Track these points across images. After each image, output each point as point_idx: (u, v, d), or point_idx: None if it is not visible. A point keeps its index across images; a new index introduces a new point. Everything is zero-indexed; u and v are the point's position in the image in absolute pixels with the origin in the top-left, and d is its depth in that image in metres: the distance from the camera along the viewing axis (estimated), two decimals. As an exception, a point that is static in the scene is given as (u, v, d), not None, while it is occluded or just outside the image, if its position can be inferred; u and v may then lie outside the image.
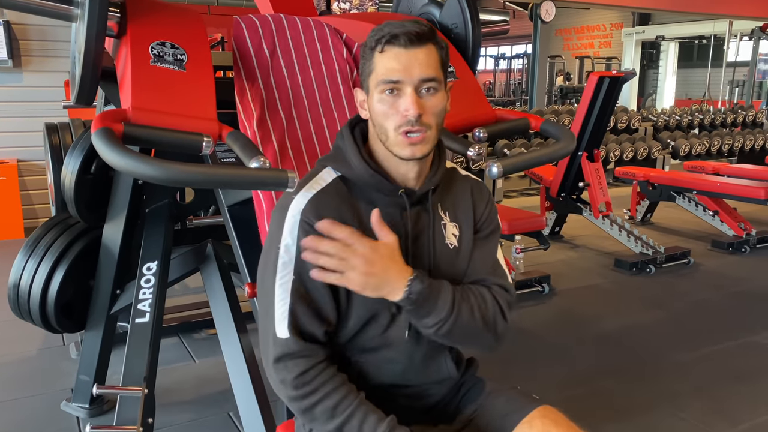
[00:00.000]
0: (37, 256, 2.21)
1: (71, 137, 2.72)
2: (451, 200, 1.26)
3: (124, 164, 1.05)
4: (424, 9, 1.99)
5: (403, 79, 1.09)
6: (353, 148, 1.17)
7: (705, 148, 7.70)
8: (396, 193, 1.17)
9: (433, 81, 1.10)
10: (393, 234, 1.11)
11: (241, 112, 1.62)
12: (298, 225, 1.11)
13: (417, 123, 1.09)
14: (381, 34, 1.10)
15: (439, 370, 1.29)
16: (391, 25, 1.10)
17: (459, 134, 1.65)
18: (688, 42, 16.58)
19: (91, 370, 2.32)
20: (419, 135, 1.10)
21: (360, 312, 1.16)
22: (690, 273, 4.28)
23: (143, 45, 1.41)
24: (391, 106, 1.10)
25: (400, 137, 1.11)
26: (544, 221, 3.78)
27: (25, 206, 5.09)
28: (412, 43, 1.09)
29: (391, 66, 1.09)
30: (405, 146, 1.11)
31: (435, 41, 1.12)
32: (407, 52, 1.08)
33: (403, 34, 1.08)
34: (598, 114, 4.56)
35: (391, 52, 1.09)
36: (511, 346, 3.05)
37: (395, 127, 1.10)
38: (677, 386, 2.63)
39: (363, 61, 1.15)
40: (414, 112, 1.08)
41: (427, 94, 1.10)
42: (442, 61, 1.13)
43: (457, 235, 1.24)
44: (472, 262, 1.26)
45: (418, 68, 1.09)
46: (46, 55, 5.11)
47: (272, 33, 1.69)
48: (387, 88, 1.10)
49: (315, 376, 1.10)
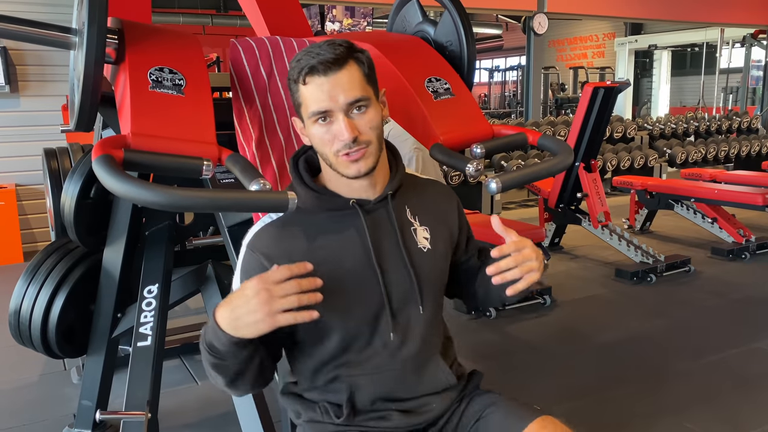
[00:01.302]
0: (38, 281, 2.21)
1: (70, 162, 2.72)
2: (419, 204, 1.30)
3: (126, 191, 1.06)
4: (419, 27, 2.00)
5: (330, 107, 1.12)
6: (297, 178, 1.24)
7: (701, 156, 7.73)
8: (348, 205, 1.21)
9: (360, 101, 1.14)
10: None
11: (240, 135, 1.63)
12: (243, 256, 1.21)
13: (354, 144, 1.13)
14: (300, 66, 1.13)
15: (435, 378, 1.28)
16: (307, 55, 1.13)
17: (456, 151, 1.66)
18: (680, 50, 16.69)
19: (93, 395, 2.30)
20: (359, 153, 1.15)
21: (340, 331, 1.20)
22: (691, 281, 4.28)
23: (141, 71, 1.42)
24: (327, 132, 1.14)
25: (341, 159, 1.15)
26: (543, 233, 3.79)
27: (23, 230, 5.08)
28: (331, 69, 1.11)
29: (316, 97, 1.12)
30: (348, 166, 1.16)
31: (354, 57, 1.15)
32: (328, 80, 1.11)
33: (319, 63, 1.11)
34: (593, 124, 4.58)
35: (313, 82, 1.12)
36: (513, 359, 3.05)
37: (335, 152, 1.15)
38: (682, 395, 2.62)
39: (291, 93, 1.18)
40: (348, 137, 1.12)
41: (359, 113, 1.14)
42: (365, 75, 1.16)
43: (429, 238, 1.28)
44: (468, 252, 1.38)
45: (343, 93, 1.12)
46: (43, 80, 5.13)
47: (269, 55, 1.70)
48: (318, 118, 1.14)
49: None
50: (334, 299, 1.14)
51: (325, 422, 1.24)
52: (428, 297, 1.26)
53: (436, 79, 1.74)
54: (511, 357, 3.08)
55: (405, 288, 1.23)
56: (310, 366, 1.25)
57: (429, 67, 1.78)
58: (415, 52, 1.86)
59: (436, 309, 1.31)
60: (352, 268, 1.20)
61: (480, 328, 3.45)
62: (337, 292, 1.16)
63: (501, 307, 3.62)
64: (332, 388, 1.24)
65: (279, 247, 1.19)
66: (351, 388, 1.22)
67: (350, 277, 1.20)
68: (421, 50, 1.88)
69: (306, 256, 1.12)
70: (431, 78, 1.73)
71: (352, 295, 1.20)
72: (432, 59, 1.84)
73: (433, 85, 1.73)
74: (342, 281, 1.18)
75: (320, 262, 1.11)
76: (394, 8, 2.11)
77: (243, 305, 1.01)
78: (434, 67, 1.79)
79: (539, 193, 5.06)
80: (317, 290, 1.05)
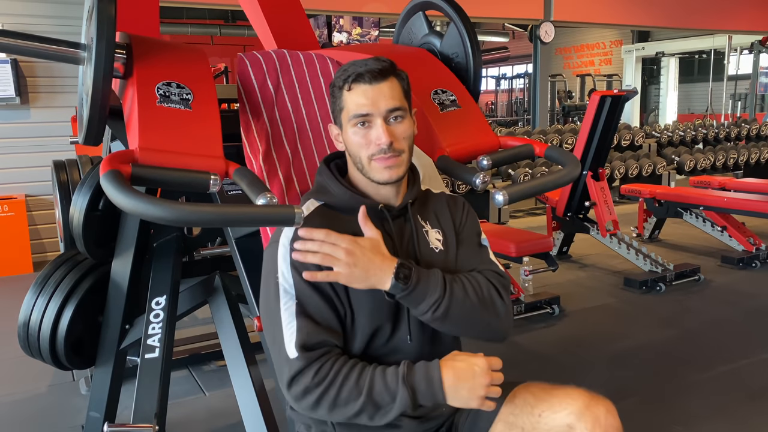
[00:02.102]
0: (47, 293, 2.22)
1: (79, 174, 2.74)
2: (430, 212, 1.37)
3: (135, 207, 1.07)
4: (425, 39, 2.01)
5: (371, 111, 1.21)
6: (332, 178, 1.30)
7: (710, 163, 7.69)
8: (377, 208, 1.27)
9: (398, 110, 1.23)
10: (376, 230, 1.21)
11: (247, 148, 1.63)
12: (289, 253, 1.19)
13: (390, 150, 1.21)
14: (347, 74, 1.22)
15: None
16: (355, 65, 1.22)
17: (463, 162, 1.66)
18: (688, 57, 16.65)
19: (101, 407, 2.31)
20: (393, 159, 1.22)
21: (364, 328, 1.23)
22: (701, 290, 4.24)
23: (149, 86, 1.43)
24: (364, 137, 1.22)
25: (375, 163, 1.23)
26: (551, 242, 3.77)
27: (33, 241, 5.12)
28: (376, 79, 1.21)
29: (360, 101, 1.21)
30: (381, 171, 1.23)
31: (396, 74, 1.25)
32: (372, 88, 1.21)
33: (366, 72, 1.21)
34: (601, 133, 4.57)
35: (359, 89, 1.21)
36: (521, 369, 3.03)
37: (370, 155, 1.23)
38: (694, 407, 2.59)
39: (333, 99, 1.27)
40: (386, 140, 1.20)
41: (395, 122, 1.23)
42: (404, 91, 1.26)
43: (441, 239, 1.34)
44: (458, 261, 1.35)
45: (384, 100, 1.21)
46: (53, 92, 5.18)
47: (276, 69, 1.71)
48: (359, 122, 1.22)
49: (330, 368, 1.15)
50: (364, 298, 1.21)
51: (336, 431, 1.26)
52: None
53: (442, 91, 1.74)
54: (519, 367, 3.06)
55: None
56: None
57: (435, 79, 1.78)
58: (422, 63, 1.86)
59: None
60: None
61: (488, 338, 3.43)
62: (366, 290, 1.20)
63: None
64: None
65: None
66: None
67: None
68: (427, 62, 1.89)
69: None
70: (437, 90, 1.74)
71: (376, 297, 1.22)
72: (438, 71, 1.85)
73: (440, 97, 1.73)
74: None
75: None
76: (400, 20, 2.12)
77: (469, 379, 1.14)
78: (440, 78, 1.80)
79: (547, 201, 5.05)
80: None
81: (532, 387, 1.28)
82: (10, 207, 4.95)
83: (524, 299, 3.72)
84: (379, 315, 1.23)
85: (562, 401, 1.21)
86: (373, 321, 1.23)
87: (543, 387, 1.27)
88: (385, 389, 1.13)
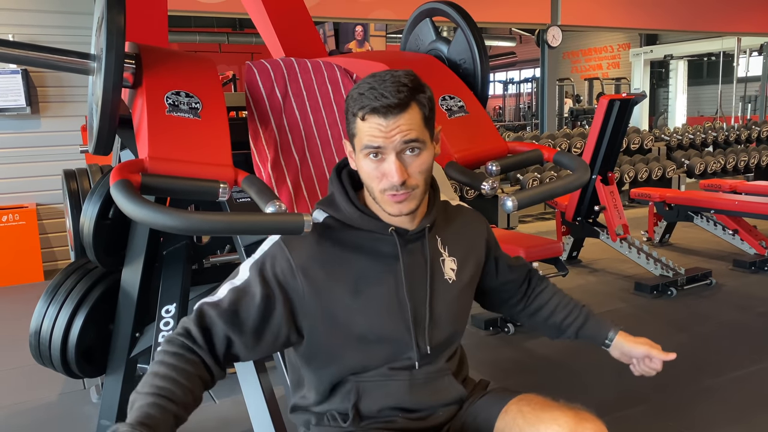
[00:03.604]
0: (58, 302, 2.23)
1: (89, 183, 2.76)
2: (451, 234, 1.32)
3: (144, 216, 1.07)
4: (432, 45, 2.01)
5: (385, 145, 1.12)
6: (340, 191, 1.23)
7: (720, 166, 7.64)
8: (386, 230, 1.21)
9: (415, 142, 1.13)
10: None
11: (256, 155, 1.64)
12: (270, 246, 1.19)
13: (402, 187, 1.13)
14: (362, 103, 1.12)
15: (445, 393, 1.31)
16: (371, 92, 1.11)
17: (471, 168, 1.65)
18: (697, 60, 16.57)
19: (112, 415, 2.31)
20: (404, 195, 1.15)
21: (360, 350, 1.22)
22: (713, 294, 4.21)
23: (158, 95, 1.43)
24: (376, 169, 1.14)
25: (386, 197, 1.15)
26: (561, 247, 3.75)
27: (44, 250, 5.15)
28: (392, 112, 1.11)
29: (372, 134, 1.12)
30: (392, 205, 1.16)
31: (416, 100, 1.13)
32: (387, 121, 1.11)
33: (382, 106, 1.10)
34: (610, 137, 4.55)
35: (373, 121, 1.12)
36: (531, 376, 3.01)
37: (381, 189, 1.15)
38: (707, 414, 2.56)
39: (347, 121, 1.18)
40: (398, 180, 1.12)
41: (412, 155, 1.14)
42: (425, 118, 1.15)
43: (455, 269, 1.30)
44: (499, 274, 1.45)
45: (399, 134, 1.11)
46: (63, 101, 5.22)
47: (284, 77, 1.72)
48: (371, 152, 1.13)
49: (165, 350, 1.10)
50: (359, 321, 1.19)
51: (332, 426, 1.27)
52: (442, 330, 1.28)
53: (450, 97, 1.74)
54: (530, 374, 3.05)
55: (423, 320, 1.25)
56: (327, 381, 1.27)
57: (443, 85, 1.78)
58: (429, 70, 1.86)
59: (454, 338, 1.34)
60: (382, 293, 1.22)
61: (498, 344, 3.42)
62: (363, 314, 1.19)
63: (518, 322, 3.58)
64: (341, 396, 1.26)
65: (313, 250, 1.19)
66: (359, 393, 1.25)
67: (378, 301, 1.21)
68: (434, 68, 1.89)
69: (339, 264, 1.18)
70: (445, 96, 1.74)
71: (377, 321, 1.21)
72: (445, 77, 1.85)
73: (447, 103, 1.73)
74: (370, 304, 1.20)
75: (352, 275, 1.19)
76: (407, 27, 2.13)
77: None
78: (448, 85, 1.80)
79: (556, 206, 5.03)
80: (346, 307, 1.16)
81: (523, 404, 1.26)
82: (21, 216, 4.99)
83: (534, 305, 3.69)
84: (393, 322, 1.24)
85: (548, 427, 1.18)
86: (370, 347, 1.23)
87: (534, 405, 1.25)
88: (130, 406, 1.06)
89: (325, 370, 1.25)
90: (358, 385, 1.24)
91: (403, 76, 1.14)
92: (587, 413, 1.22)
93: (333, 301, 1.18)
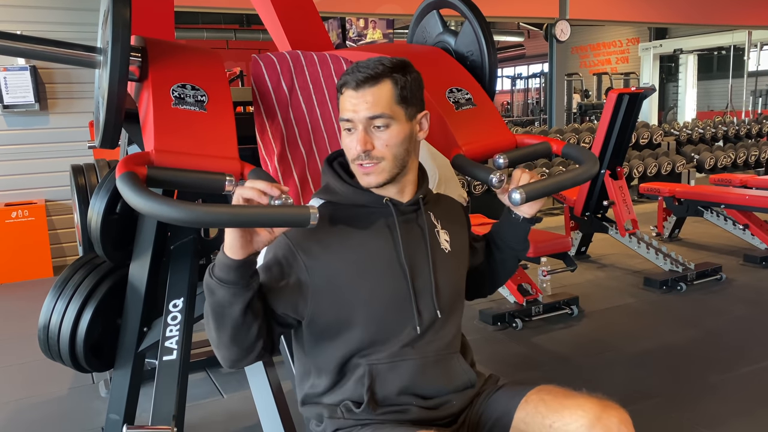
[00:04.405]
0: (66, 296, 2.24)
1: (96, 178, 2.77)
2: (441, 212, 1.39)
3: (149, 208, 1.06)
4: (439, 38, 2.00)
5: (352, 117, 1.21)
6: (334, 176, 1.30)
7: (731, 161, 7.58)
8: (381, 202, 1.27)
9: (380, 117, 1.21)
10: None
11: (262, 149, 1.63)
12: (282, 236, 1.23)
13: (366, 157, 1.22)
14: (343, 78, 1.24)
15: (455, 374, 1.32)
16: (352, 68, 1.22)
17: (479, 161, 1.64)
18: (707, 54, 16.43)
19: (120, 409, 2.32)
20: (370, 166, 1.23)
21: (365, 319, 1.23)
22: (723, 289, 4.17)
23: (164, 88, 1.43)
24: (350, 140, 1.23)
25: (356, 167, 1.25)
26: (569, 242, 3.74)
27: (53, 245, 5.18)
28: (360, 85, 1.20)
29: (345, 107, 1.22)
30: (361, 176, 1.25)
31: (392, 77, 1.22)
32: (356, 94, 1.21)
33: (352, 79, 1.21)
34: (619, 131, 4.52)
35: (346, 94, 1.22)
36: (540, 371, 3.00)
37: (351, 159, 1.25)
38: (717, 409, 2.54)
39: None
40: (359, 149, 1.21)
41: (378, 130, 1.22)
42: (397, 95, 1.22)
43: (449, 241, 1.36)
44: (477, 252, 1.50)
45: (365, 108, 1.20)
46: (71, 97, 5.24)
47: (290, 70, 1.71)
48: (345, 126, 1.23)
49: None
50: (362, 286, 1.22)
51: (346, 419, 1.26)
52: (446, 296, 1.31)
53: (458, 90, 1.73)
54: (538, 369, 3.03)
55: (428, 288, 1.28)
56: (336, 358, 1.26)
57: (450, 78, 1.77)
58: (436, 62, 1.85)
59: (456, 309, 1.37)
60: (381, 259, 1.26)
61: (506, 340, 3.40)
62: (365, 278, 1.23)
63: (526, 318, 3.57)
64: (353, 381, 1.26)
65: (310, 231, 1.21)
66: (372, 376, 1.25)
67: (379, 267, 1.25)
68: (441, 61, 1.87)
69: (337, 242, 1.23)
70: (452, 88, 1.73)
71: (379, 284, 1.25)
72: (453, 69, 1.83)
73: (455, 96, 1.72)
74: (370, 270, 1.24)
75: (351, 248, 1.23)
76: (414, 20, 2.11)
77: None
78: (455, 77, 1.79)
79: (564, 201, 5.00)
80: (349, 275, 1.20)
81: (544, 393, 1.27)
82: (30, 212, 5.01)
83: (542, 300, 3.68)
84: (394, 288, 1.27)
85: (573, 413, 1.20)
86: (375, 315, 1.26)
87: (555, 394, 1.26)
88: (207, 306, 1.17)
89: (333, 345, 1.25)
90: (370, 369, 1.24)
91: (390, 59, 1.23)
92: (611, 402, 1.23)
93: (335, 272, 1.22)
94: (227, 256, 1.10)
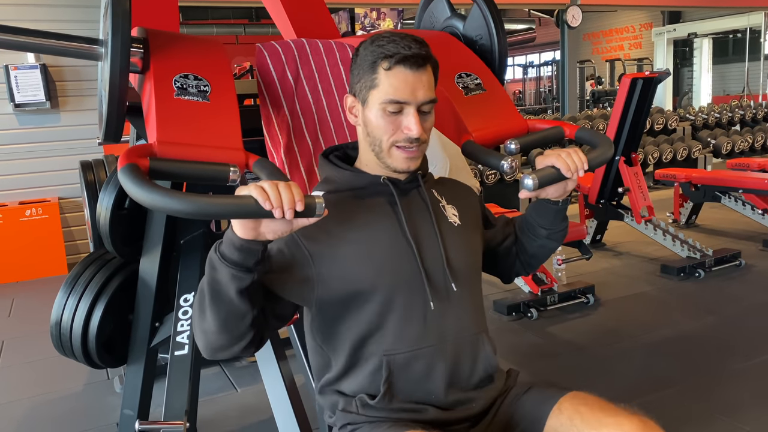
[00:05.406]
0: (77, 293, 2.23)
1: (105, 174, 2.76)
2: (445, 190, 1.35)
3: (151, 200, 1.04)
4: (447, 23, 1.95)
5: (408, 100, 1.15)
6: (331, 166, 1.27)
7: (748, 145, 7.45)
8: (379, 181, 1.23)
9: (431, 103, 1.19)
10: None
11: (269, 141, 1.60)
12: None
13: (416, 142, 1.18)
14: (388, 51, 1.14)
15: (477, 358, 1.25)
16: (396, 44, 1.15)
17: (490, 147, 1.60)
18: (722, 37, 16.15)
19: (134, 404, 2.32)
20: (415, 150, 1.19)
21: (377, 298, 1.18)
22: (742, 275, 4.10)
23: (166, 79, 1.40)
24: (392, 122, 1.17)
25: (396, 150, 1.19)
26: (584, 230, 3.69)
27: (67, 243, 5.21)
28: (420, 65, 1.15)
29: (398, 87, 1.15)
30: (401, 160, 1.20)
31: (432, 62, 1.19)
32: (414, 75, 1.15)
33: (412, 56, 1.14)
34: (633, 117, 4.45)
35: (400, 73, 1.15)
36: (556, 361, 2.96)
37: (393, 141, 1.18)
38: (737, 397, 2.49)
39: (359, 71, 1.19)
40: (417, 133, 1.16)
41: (424, 115, 1.19)
42: (436, 80, 1.21)
43: (457, 215, 1.32)
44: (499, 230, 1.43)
45: (423, 92, 1.16)
46: (81, 95, 5.26)
47: (295, 59, 1.68)
48: (391, 109, 1.16)
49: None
50: (369, 265, 1.18)
51: (359, 413, 1.22)
52: (460, 268, 1.26)
53: (467, 75, 1.69)
54: (555, 359, 2.99)
55: (439, 260, 1.24)
56: (350, 341, 1.22)
57: (459, 63, 1.73)
58: (444, 47, 1.81)
59: (474, 283, 1.31)
60: (386, 238, 1.22)
61: (521, 330, 3.37)
62: (371, 257, 1.19)
63: (541, 307, 3.53)
64: (370, 373, 1.21)
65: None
66: (390, 368, 1.19)
67: (384, 246, 1.21)
68: (450, 46, 1.83)
69: (339, 225, 1.18)
70: (461, 74, 1.69)
71: (386, 263, 1.20)
72: (462, 54, 1.79)
73: (464, 81, 1.68)
74: (376, 250, 1.20)
75: (354, 229, 1.19)
76: (421, 5, 2.07)
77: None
78: (464, 62, 1.75)
79: (579, 189, 4.93)
80: (355, 256, 1.17)
81: (579, 404, 1.21)
82: (44, 210, 5.04)
83: (558, 289, 3.64)
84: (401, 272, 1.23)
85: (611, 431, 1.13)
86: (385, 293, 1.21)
87: (591, 406, 1.19)
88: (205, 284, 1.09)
89: (346, 326, 1.21)
90: (388, 360, 1.19)
91: (417, 38, 1.18)
92: (652, 422, 1.15)
93: (340, 255, 1.18)
94: (234, 233, 1.05)
